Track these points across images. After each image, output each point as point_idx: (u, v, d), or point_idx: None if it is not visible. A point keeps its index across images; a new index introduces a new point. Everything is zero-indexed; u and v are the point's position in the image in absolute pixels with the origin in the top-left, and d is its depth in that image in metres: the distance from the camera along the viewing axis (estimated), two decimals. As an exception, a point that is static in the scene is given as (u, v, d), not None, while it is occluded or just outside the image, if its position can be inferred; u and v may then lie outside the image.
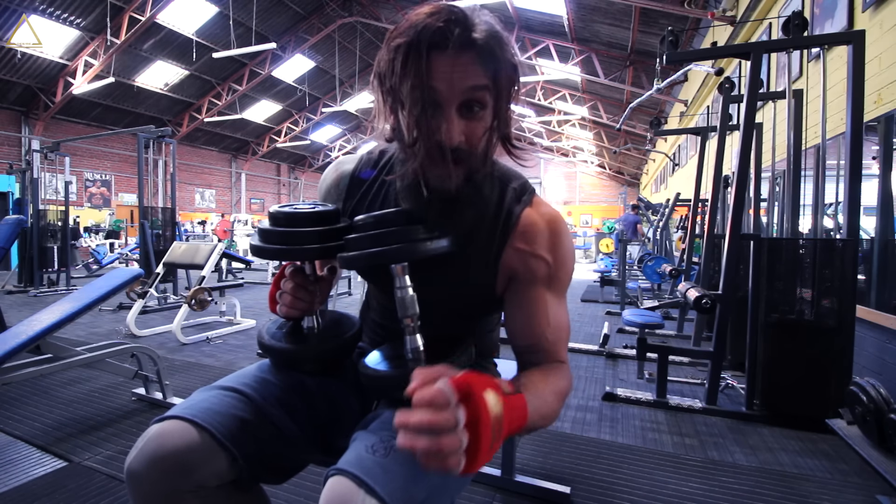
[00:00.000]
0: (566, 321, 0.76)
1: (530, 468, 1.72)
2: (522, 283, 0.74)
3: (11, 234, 5.56)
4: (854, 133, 2.09)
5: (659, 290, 5.74)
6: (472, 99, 0.61)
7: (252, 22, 10.23)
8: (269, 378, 0.78)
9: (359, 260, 0.65)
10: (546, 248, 0.73)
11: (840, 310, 2.12)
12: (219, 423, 0.67)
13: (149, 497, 0.64)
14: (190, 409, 0.68)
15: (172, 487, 0.63)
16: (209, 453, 0.65)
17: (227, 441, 0.66)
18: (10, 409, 2.20)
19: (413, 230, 0.65)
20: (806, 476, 1.73)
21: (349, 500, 0.55)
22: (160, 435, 0.64)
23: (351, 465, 0.59)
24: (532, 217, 0.73)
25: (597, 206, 20.57)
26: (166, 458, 0.63)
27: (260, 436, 0.70)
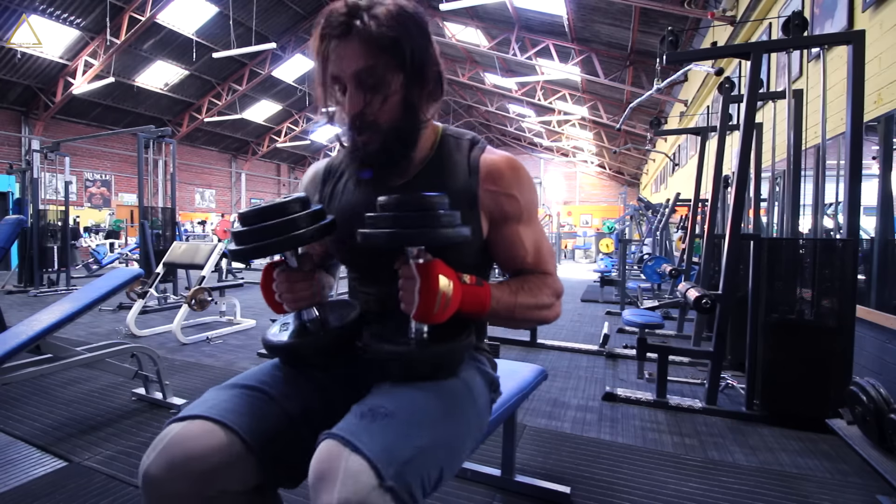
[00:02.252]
0: (543, 242, 0.88)
1: (530, 468, 1.72)
2: (499, 223, 0.84)
3: (11, 234, 5.55)
4: (854, 133, 2.09)
5: (659, 290, 5.74)
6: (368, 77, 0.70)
7: (252, 22, 10.23)
8: (286, 377, 0.79)
9: (379, 238, 0.67)
10: (512, 185, 0.83)
11: (840, 310, 2.12)
12: (247, 425, 0.66)
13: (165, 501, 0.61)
14: (215, 409, 0.66)
15: (195, 493, 0.61)
16: (237, 457, 0.63)
17: (256, 444, 0.65)
18: (10, 409, 2.20)
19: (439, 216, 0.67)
20: (806, 476, 1.73)
21: (335, 457, 0.58)
22: (183, 436, 0.63)
23: (339, 429, 0.61)
24: (491, 160, 0.83)
25: (597, 206, 20.58)
26: (191, 462, 0.61)
27: (285, 437, 0.70)
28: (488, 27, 10.36)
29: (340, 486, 0.56)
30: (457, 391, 0.75)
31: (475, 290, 0.74)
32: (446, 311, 0.69)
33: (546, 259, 0.87)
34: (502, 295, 0.78)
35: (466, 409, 0.75)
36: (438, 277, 0.67)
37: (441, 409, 0.70)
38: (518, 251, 0.85)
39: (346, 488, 0.55)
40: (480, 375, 0.86)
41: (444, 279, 0.68)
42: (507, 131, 20.81)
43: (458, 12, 9.95)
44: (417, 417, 0.66)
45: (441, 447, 0.67)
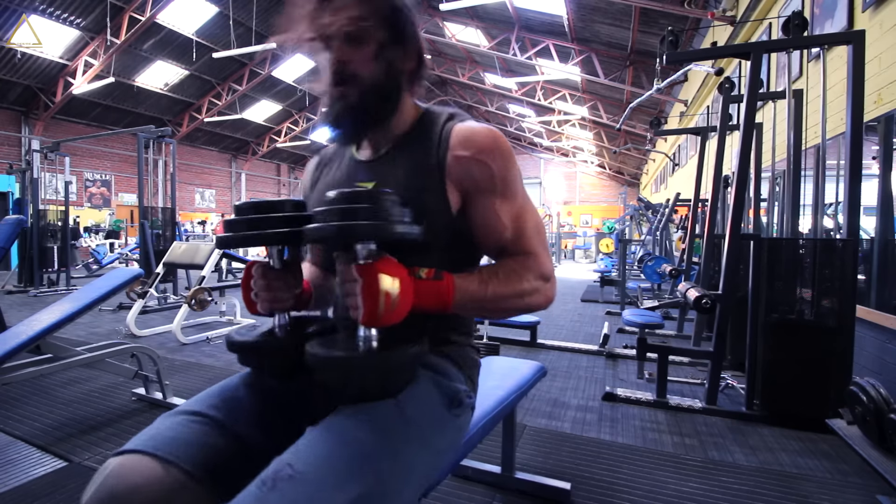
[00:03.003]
0: (527, 219, 0.78)
1: (530, 468, 1.72)
2: (471, 194, 0.77)
3: (11, 234, 5.55)
4: (854, 133, 2.09)
5: (659, 290, 5.74)
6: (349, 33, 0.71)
7: (252, 22, 10.23)
8: (238, 395, 0.75)
9: (322, 231, 0.64)
10: (486, 152, 0.76)
11: (840, 310, 2.12)
12: (185, 455, 0.62)
13: None
14: (152, 441, 0.63)
15: None
16: (179, 488, 0.60)
17: (199, 473, 0.62)
18: (10, 409, 2.20)
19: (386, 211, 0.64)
20: (806, 476, 1.73)
21: None
22: (119, 472, 0.59)
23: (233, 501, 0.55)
24: (468, 128, 0.78)
25: (597, 206, 20.58)
26: (129, 496, 0.57)
27: (234, 461, 0.66)
28: (488, 27, 10.36)
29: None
30: (393, 424, 0.66)
31: (432, 284, 0.68)
32: (394, 311, 0.63)
33: (529, 236, 0.78)
34: (469, 285, 0.71)
35: (407, 442, 0.66)
36: (378, 277, 0.61)
37: (368, 453, 0.61)
38: (494, 226, 0.77)
39: None
40: (437, 390, 0.75)
41: (386, 278, 0.62)
42: (507, 131, 20.80)
43: (458, 12, 9.94)
44: (333, 474, 0.57)
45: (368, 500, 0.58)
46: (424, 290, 0.67)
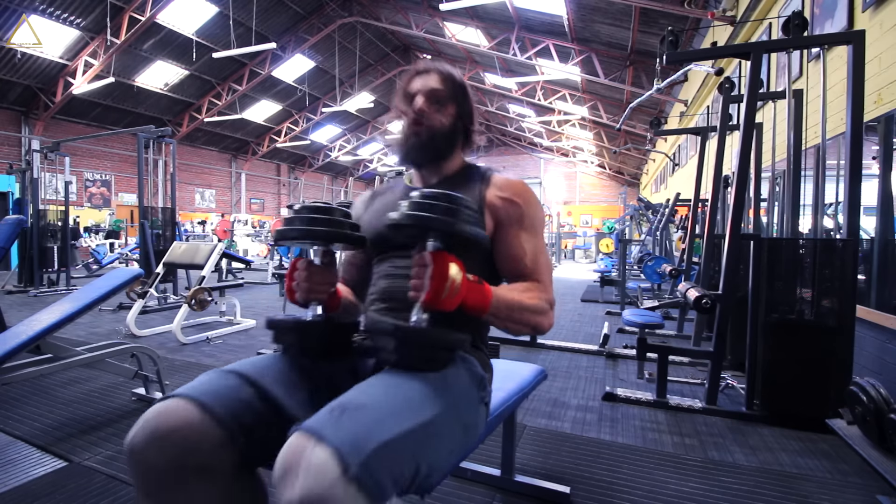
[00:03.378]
0: (542, 254, 0.98)
1: (530, 468, 1.72)
2: (503, 226, 0.97)
3: (11, 234, 5.56)
4: (854, 133, 2.09)
5: (659, 290, 5.74)
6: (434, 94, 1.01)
7: (252, 22, 10.23)
8: (271, 362, 0.86)
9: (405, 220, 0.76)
10: (517, 195, 1.00)
11: (840, 310, 2.12)
12: (217, 402, 0.71)
13: (149, 472, 0.67)
14: (191, 390, 0.73)
15: (174, 463, 0.67)
16: (209, 430, 0.69)
17: (227, 418, 0.70)
18: (10, 409, 2.20)
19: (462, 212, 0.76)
20: (806, 476, 1.73)
21: (300, 450, 0.59)
22: (161, 412, 0.69)
23: (308, 422, 0.63)
24: (505, 177, 1.04)
25: (597, 206, 20.58)
26: (167, 434, 0.67)
27: (261, 415, 0.75)
28: (488, 27, 10.36)
29: (303, 479, 0.56)
30: (437, 385, 0.77)
31: (478, 286, 0.81)
32: (453, 298, 0.75)
33: (542, 270, 0.96)
34: (503, 293, 0.86)
35: (446, 403, 0.76)
36: (448, 264, 0.75)
37: (417, 401, 0.71)
38: (516, 252, 0.96)
39: (308, 481, 0.56)
40: (467, 373, 0.87)
41: (454, 266, 0.75)
42: (507, 131, 20.81)
43: (458, 12, 9.94)
44: (389, 409, 0.67)
45: (414, 440, 0.67)
46: (473, 289, 0.80)
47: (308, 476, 0.56)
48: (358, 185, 23.35)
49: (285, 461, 0.59)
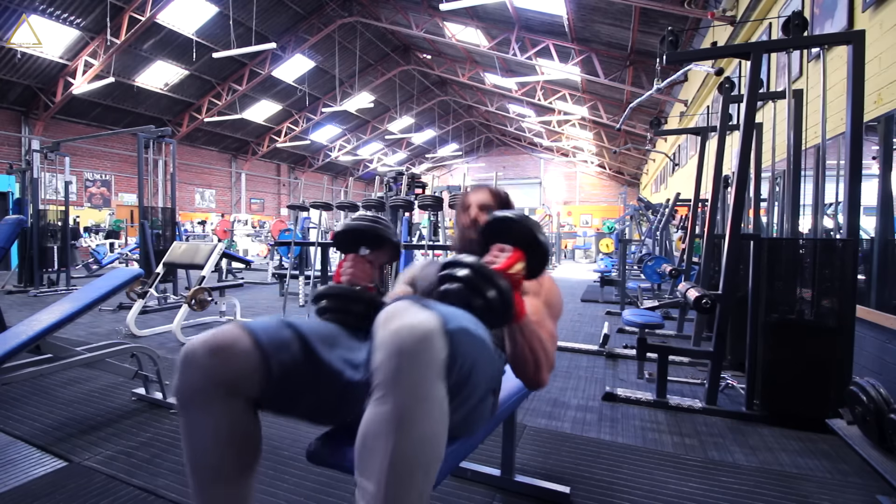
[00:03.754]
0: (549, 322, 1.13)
1: (530, 468, 1.72)
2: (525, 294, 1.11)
3: (11, 234, 5.56)
4: (854, 133, 2.09)
5: (659, 290, 5.74)
6: (484, 205, 1.30)
7: (252, 22, 10.22)
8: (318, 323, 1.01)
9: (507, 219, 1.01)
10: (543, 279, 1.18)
11: (840, 310, 2.12)
12: (263, 334, 0.87)
13: (193, 372, 0.82)
14: (252, 323, 0.90)
15: (213, 370, 0.82)
16: (249, 352, 0.84)
17: (267, 346, 0.86)
18: (10, 409, 2.20)
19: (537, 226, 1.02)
20: (806, 476, 1.73)
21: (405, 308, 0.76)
22: (219, 331, 0.86)
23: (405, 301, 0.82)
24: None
25: (597, 206, 20.58)
26: (218, 345, 0.83)
27: (295, 354, 0.89)
28: (488, 27, 10.36)
29: (408, 318, 0.72)
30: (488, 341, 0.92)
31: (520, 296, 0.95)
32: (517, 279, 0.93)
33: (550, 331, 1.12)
34: (532, 317, 1.01)
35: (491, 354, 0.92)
36: (521, 254, 0.95)
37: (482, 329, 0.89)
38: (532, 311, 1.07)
39: (416, 319, 0.72)
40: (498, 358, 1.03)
41: (522, 261, 0.95)
42: (507, 131, 20.82)
43: (458, 12, 9.94)
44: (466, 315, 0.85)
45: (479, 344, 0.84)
46: (519, 294, 0.95)
47: (415, 317, 0.73)
48: (358, 185, 23.35)
49: (390, 311, 0.76)
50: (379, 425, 0.71)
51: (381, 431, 0.70)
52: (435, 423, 0.72)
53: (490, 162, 22.76)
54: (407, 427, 0.69)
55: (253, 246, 13.52)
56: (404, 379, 0.70)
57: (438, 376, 0.72)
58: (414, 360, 0.70)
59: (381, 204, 3.84)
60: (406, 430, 0.69)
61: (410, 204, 4.06)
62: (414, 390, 0.70)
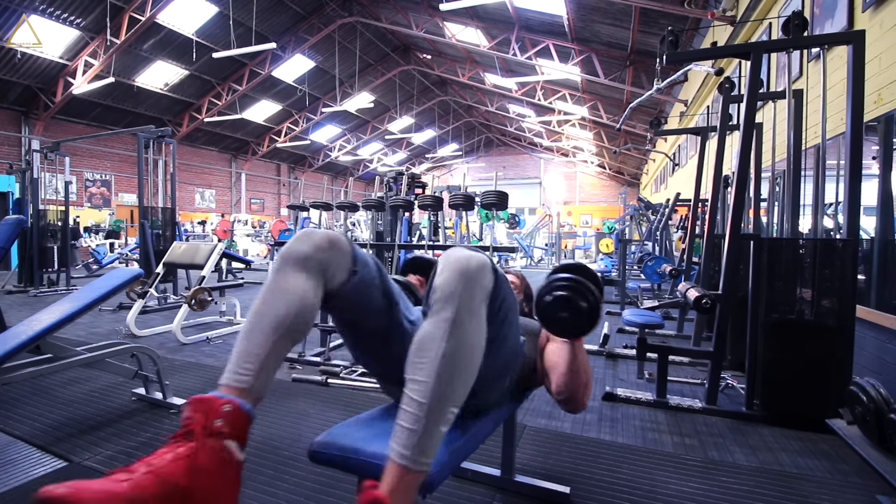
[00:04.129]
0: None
1: (530, 468, 1.72)
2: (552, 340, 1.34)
3: (11, 234, 5.55)
4: (854, 133, 2.09)
5: (659, 290, 5.74)
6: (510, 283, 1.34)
7: (252, 22, 10.22)
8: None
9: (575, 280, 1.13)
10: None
11: (840, 310, 2.12)
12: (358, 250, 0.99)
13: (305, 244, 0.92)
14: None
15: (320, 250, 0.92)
16: (347, 253, 0.96)
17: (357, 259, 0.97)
18: (10, 409, 2.20)
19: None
20: (806, 476, 1.73)
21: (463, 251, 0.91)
22: (331, 231, 0.97)
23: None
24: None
25: (597, 206, 20.57)
26: (332, 238, 0.94)
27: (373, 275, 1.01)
28: (488, 27, 10.36)
29: (469, 253, 0.90)
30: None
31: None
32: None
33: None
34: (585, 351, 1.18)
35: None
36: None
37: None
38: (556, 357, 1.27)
39: (475, 255, 0.89)
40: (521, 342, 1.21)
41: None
42: (507, 131, 20.81)
43: (458, 12, 9.94)
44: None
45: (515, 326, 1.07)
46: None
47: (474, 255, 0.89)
48: (358, 185, 23.35)
49: (451, 252, 0.91)
50: (436, 329, 0.84)
51: (438, 335, 0.83)
52: (479, 335, 0.88)
53: (490, 162, 22.76)
54: (460, 333, 0.83)
55: (253, 246, 13.52)
56: (464, 294, 0.85)
57: (485, 300, 0.89)
58: (472, 281, 0.86)
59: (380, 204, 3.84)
60: (458, 336, 0.83)
61: (410, 204, 4.06)
62: (469, 304, 0.85)
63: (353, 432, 1.02)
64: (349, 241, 0.99)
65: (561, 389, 1.15)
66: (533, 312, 1.42)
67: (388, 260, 5.19)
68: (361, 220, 10.45)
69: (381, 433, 1.01)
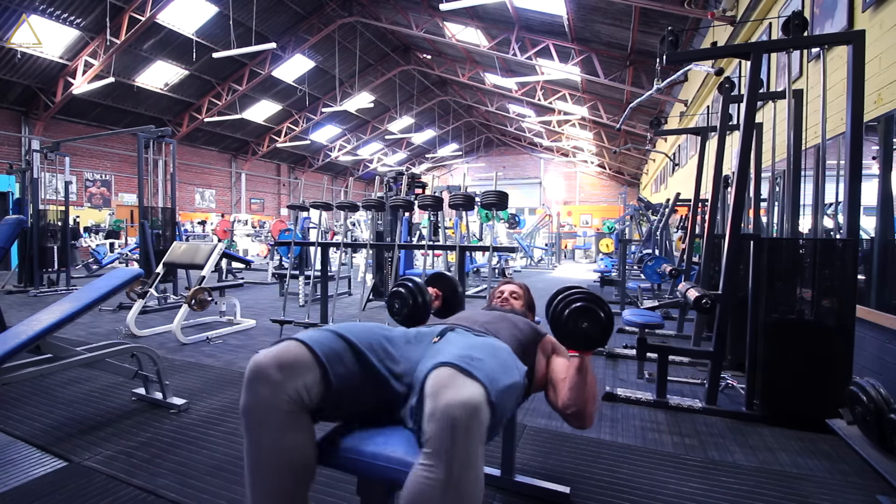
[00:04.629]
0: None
1: (530, 468, 1.72)
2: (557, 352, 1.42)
3: (11, 234, 5.56)
4: (854, 133, 2.09)
5: (659, 290, 5.74)
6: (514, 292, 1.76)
7: (252, 22, 10.22)
8: (374, 330, 1.10)
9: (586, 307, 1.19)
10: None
11: (840, 310, 2.12)
12: (320, 348, 0.95)
13: (261, 387, 0.89)
14: (305, 336, 0.98)
15: (282, 385, 0.89)
16: (310, 365, 0.93)
17: (325, 360, 0.94)
18: (10, 409, 2.20)
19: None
20: (806, 476, 1.73)
21: (454, 376, 0.83)
22: (284, 347, 0.94)
23: (450, 361, 0.87)
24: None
25: (597, 206, 20.56)
26: (284, 361, 0.91)
27: (349, 365, 0.98)
28: (488, 27, 10.36)
29: (461, 391, 0.80)
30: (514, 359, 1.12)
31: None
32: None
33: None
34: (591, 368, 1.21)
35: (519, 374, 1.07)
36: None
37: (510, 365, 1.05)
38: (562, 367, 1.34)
39: (465, 393, 0.80)
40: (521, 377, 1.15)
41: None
42: (507, 131, 20.81)
43: (458, 12, 9.94)
44: (499, 366, 0.97)
45: (510, 392, 0.96)
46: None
47: (465, 390, 0.81)
48: (358, 185, 23.34)
49: (441, 381, 0.83)
50: (433, 491, 0.78)
51: (436, 500, 0.78)
52: (479, 481, 0.83)
53: (490, 162, 22.76)
54: (458, 493, 0.79)
55: (253, 246, 13.51)
56: (456, 450, 0.78)
57: (482, 441, 0.83)
58: (465, 434, 0.79)
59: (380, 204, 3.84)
60: (457, 496, 0.78)
61: (410, 204, 4.06)
62: (465, 460, 0.79)
63: (353, 433, 1.02)
64: (306, 346, 0.94)
65: (569, 403, 1.17)
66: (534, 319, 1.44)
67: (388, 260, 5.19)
68: (361, 220, 10.45)
69: (380, 433, 1.01)
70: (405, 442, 0.96)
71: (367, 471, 0.95)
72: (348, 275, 6.81)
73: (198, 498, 1.50)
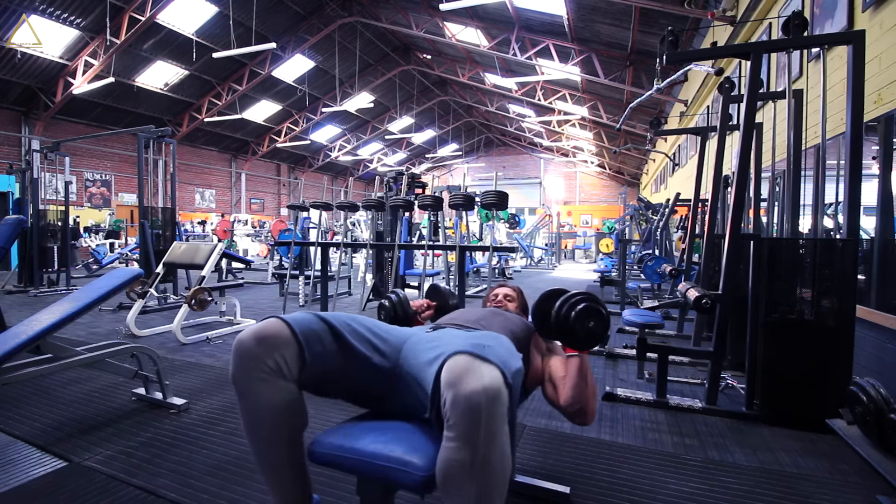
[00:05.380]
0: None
1: (530, 468, 1.72)
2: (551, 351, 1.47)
3: (11, 234, 5.56)
4: (854, 133, 2.09)
5: (659, 290, 5.74)
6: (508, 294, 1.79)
7: (252, 22, 10.22)
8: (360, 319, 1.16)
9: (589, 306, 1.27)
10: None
11: (840, 310, 2.12)
12: (299, 327, 1.01)
13: (243, 359, 0.97)
14: (288, 316, 1.04)
15: (259, 356, 0.96)
16: (288, 340, 0.99)
17: (302, 338, 1.00)
18: (10, 409, 2.20)
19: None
20: (806, 476, 1.73)
21: (471, 363, 0.86)
22: (265, 324, 1.00)
23: (464, 348, 0.91)
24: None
25: (597, 206, 20.57)
26: (263, 336, 0.98)
27: (327, 344, 1.04)
28: (488, 27, 10.36)
29: (482, 377, 0.84)
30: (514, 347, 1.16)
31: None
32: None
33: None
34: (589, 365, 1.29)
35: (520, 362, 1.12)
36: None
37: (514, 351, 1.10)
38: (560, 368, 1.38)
39: (486, 378, 0.84)
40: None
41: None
42: (507, 131, 20.81)
43: (458, 12, 9.94)
44: (506, 353, 1.03)
45: (520, 378, 1.02)
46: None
47: (485, 376, 0.84)
48: (358, 185, 23.34)
49: (460, 369, 0.85)
50: (462, 471, 0.83)
51: (465, 477, 0.83)
52: (506, 458, 0.87)
53: (490, 162, 22.76)
54: (487, 472, 0.83)
55: (253, 246, 13.51)
56: (482, 433, 0.82)
57: (506, 420, 0.86)
58: (488, 418, 0.82)
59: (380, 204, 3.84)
60: (487, 474, 0.83)
61: (410, 204, 4.06)
62: (490, 440, 0.83)
63: (353, 432, 1.02)
64: (286, 323, 1.00)
65: (572, 401, 1.22)
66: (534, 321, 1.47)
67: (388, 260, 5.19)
68: (361, 220, 10.44)
69: (380, 433, 1.01)
70: (405, 442, 0.96)
71: (367, 471, 0.95)
72: (348, 275, 6.81)
73: (198, 498, 1.50)
